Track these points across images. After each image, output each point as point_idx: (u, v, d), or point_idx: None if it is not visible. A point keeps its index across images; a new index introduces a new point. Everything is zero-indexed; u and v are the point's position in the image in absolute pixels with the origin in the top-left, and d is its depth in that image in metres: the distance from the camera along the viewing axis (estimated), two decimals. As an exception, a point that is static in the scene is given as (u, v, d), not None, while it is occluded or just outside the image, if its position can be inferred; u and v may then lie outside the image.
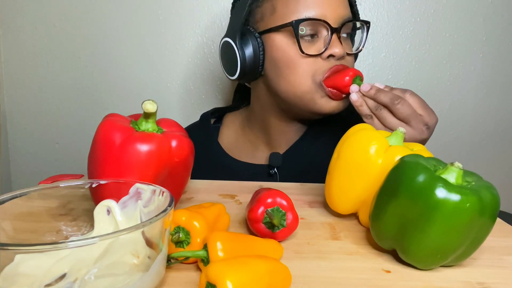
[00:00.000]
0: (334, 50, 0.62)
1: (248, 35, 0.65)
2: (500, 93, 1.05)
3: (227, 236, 0.34)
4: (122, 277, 0.28)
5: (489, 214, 0.33)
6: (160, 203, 0.33)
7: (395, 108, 0.55)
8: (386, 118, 0.56)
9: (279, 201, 0.40)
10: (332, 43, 0.62)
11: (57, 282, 0.27)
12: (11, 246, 0.24)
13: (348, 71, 0.61)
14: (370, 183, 0.43)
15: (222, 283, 0.27)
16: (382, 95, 0.56)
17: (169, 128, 0.44)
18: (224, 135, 0.81)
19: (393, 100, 0.55)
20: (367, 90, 0.58)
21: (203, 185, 0.61)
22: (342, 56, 0.63)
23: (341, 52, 0.62)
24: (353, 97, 0.59)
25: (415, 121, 0.55)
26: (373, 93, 0.57)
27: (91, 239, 0.25)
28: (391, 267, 0.37)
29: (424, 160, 0.37)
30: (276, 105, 0.71)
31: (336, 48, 0.62)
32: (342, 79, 0.61)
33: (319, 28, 0.63)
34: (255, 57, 0.65)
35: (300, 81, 0.64)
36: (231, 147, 0.78)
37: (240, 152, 0.78)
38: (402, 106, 0.55)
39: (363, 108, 0.58)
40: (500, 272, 0.37)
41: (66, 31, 1.01)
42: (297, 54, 0.63)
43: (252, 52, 0.65)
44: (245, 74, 0.67)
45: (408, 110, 0.55)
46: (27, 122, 1.08)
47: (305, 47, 0.62)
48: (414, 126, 0.55)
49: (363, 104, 0.58)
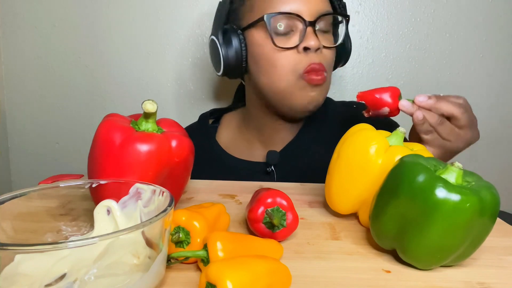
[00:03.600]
0: (309, 42, 0.62)
1: (231, 32, 0.68)
2: (500, 93, 1.05)
3: (227, 236, 0.34)
4: (122, 277, 0.28)
5: (489, 214, 0.33)
6: (160, 203, 0.33)
7: (461, 117, 0.51)
8: (452, 132, 0.52)
9: (279, 201, 0.40)
10: (306, 36, 0.63)
11: (57, 282, 0.27)
12: (11, 246, 0.24)
13: (384, 89, 0.54)
14: (370, 183, 0.43)
15: (222, 283, 0.27)
16: (444, 105, 0.51)
17: (169, 128, 0.44)
18: (222, 135, 0.82)
19: (459, 108, 0.51)
20: (425, 100, 0.51)
21: (203, 185, 0.61)
22: (318, 48, 0.63)
23: (316, 45, 0.62)
24: (418, 115, 0.51)
25: (473, 129, 0.53)
26: (433, 103, 0.51)
27: (91, 239, 0.25)
28: (391, 267, 0.37)
29: (424, 160, 0.37)
30: (264, 102, 0.73)
31: (311, 40, 0.62)
32: (381, 101, 0.53)
33: (295, 22, 0.64)
34: (237, 54, 0.67)
35: (279, 76, 0.65)
36: (229, 145, 0.79)
37: (237, 150, 0.78)
38: (465, 114, 0.51)
39: (424, 126, 0.52)
40: (500, 272, 0.37)
41: (66, 31, 1.01)
42: (273, 49, 0.64)
43: (234, 48, 0.67)
44: (229, 70, 0.69)
45: (468, 118, 0.52)
46: (27, 122, 1.08)
47: (281, 41, 0.64)
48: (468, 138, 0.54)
49: (425, 122, 0.52)
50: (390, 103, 0.52)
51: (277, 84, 0.66)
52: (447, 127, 0.52)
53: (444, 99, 0.52)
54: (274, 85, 0.66)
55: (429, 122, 0.51)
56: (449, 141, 0.53)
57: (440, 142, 0.53)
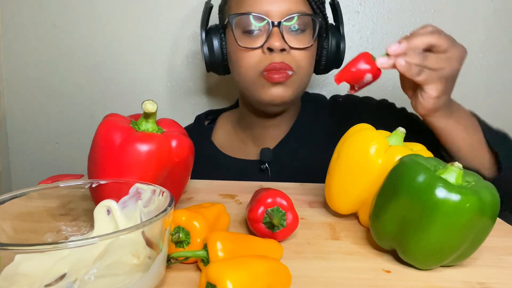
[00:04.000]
0: (273, 43, 0.63)
1: (213, 31, 0.72)
2: (500, 93, 1.05)
3: (227, 236, 0.34)
4: (122, 277, 0.28)
5: (489, 214, 0.33)
6: (160, 203, 0.33)
7: (439, 42, 0.49)
8: (440, 60, 0.50)
9: (279, 201, 0.40)
10: (271, 37, 0.64)
11: (57, 282, 0.27)
12: (11, 246, 0.24)
13: (356, 60, 0.52)
14: (370, 183, 0.43)
15: (222, 283, 0.27)
16: (417, 40, 0.49)
17: (169, 128, 0.44)
18: (217, 135, 0.83)
19: (433, 35, 0.49)
20: (397, 47, 0.50)
21: (203, 185, 0.61)
22: (283, 49, 0.64)
23: (279, 45, 0.63)
24: (400, 62, 0.49)
25: (457, 45, 0.51)
26: (406, 45, 0.49)
27: (91, 239, 0.25)
28: (391, 267, 0.37)
29: (424, 160, 0.37)
30: (245, 98, 0.75)
31: (275, 41, 0.63)
32: (358, 68, 0.51)
33: (262, 23, 0.65)
34: (217, 52, 0.71)
35: (243, 73, 0.68)
36: (224, 145, 0.81)
37: (232, 149, 0.80)
38: (441, 37, 0.50)
39: (411, 69, 0.49)
40: (500, 272, 0.37)
41: (66, 31, 1.01)
42: (239, 48, 0.67)
43: (213, 46, 0.71)
44: (212, 67, 0.73)
45: (446, 39, 0.50)
46: (27, 122, 1.08)
47: (247, 41, 0.66)
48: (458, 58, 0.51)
49: (410, 65, 0.49)
50: (368, 68, 0.51)
51: (242, 82, 0.69)
52: (433, 58, 0.49)
53: (414, 36, 0.50)
54: (241, 83, 0.70)
55: (414, 63, 0.49)
56: (443, 69, 0.50)
57: (436, 75, 0.50)
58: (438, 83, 0.51)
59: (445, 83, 0.51)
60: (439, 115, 0.54)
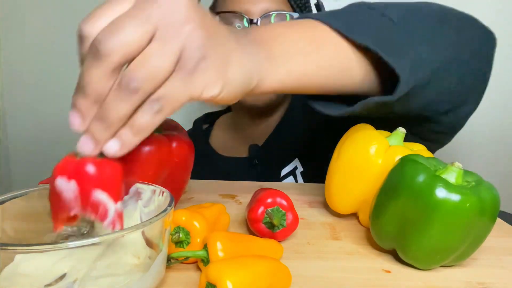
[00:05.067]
0: None
1: None
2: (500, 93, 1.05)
3: (227, 236, 0.34)
4: (122, 277, 0.28)
5: (489, 214, 0.33)
6: (160, 203, 0.33)
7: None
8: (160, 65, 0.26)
9: (279, 201, 0.40)
10: None
11: (57, 282, 0.27)
12: (11, 246, 0.24)
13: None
14: (370, 183, 0.43)
15: (222, 283, 0.27)
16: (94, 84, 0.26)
17: (169, 129, 0.44)
18: (214, 137, 0.85)
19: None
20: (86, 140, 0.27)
21: (203, 185, 0.61)
22: None
23: None
24: (114, 147, 0.27)
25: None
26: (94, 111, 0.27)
27: (91, 239, 0.25)
28: (391, 267, 0.37)
29: (424, 160, 0.37)
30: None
31: None
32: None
33: (242, 21, 0.67)
34: None
35: None
36: (220, 146, 0.82)
37: (227, 149, 0.81)
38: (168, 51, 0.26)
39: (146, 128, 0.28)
40: (500, 272, 0.37)
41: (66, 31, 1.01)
42: None
43: None
44: None
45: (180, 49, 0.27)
46: (27, 122, 1.07)
47: None
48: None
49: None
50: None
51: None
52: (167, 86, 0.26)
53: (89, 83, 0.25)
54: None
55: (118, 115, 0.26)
56: (184, 65, 0.26)
57: (181, 84, 0.26)
58: (197, 84, 0.27)
59: (205, 71, 0.27)
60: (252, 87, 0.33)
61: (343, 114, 0.41)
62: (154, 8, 0.25)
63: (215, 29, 0.28)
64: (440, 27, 0.42)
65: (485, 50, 0.46)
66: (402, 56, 0.37)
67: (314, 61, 0.36)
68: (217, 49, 0.28)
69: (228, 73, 0.29)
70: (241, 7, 0.67)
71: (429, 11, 0.43)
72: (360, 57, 0.38)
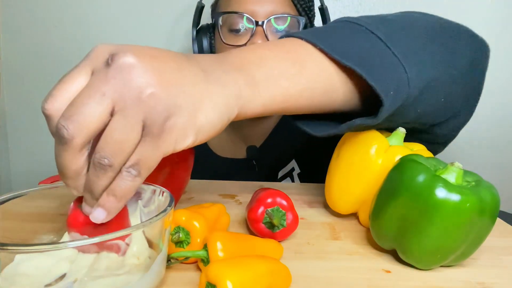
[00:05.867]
0: (255, 42, 0.65)
1: (204, 29, 0.74)
2: (500, 93, 1.05)
3: (227, 236, 0.34)
4: (122, 277, 0.28)
5: (489, 214, 0.33)
6: (160, 203, 0.33)
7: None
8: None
9: (279, 201, 0.40)
10: (254, 36, 0.66)
11: (57, 282, 0.27)
12: (11, 246, 0.24)
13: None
14: (370, 183, 0.43)
15: (222, 283, 0.27)
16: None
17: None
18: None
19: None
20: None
21: (203, 185, 0.61)
22: None
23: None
24: (99, 215, 0.28)
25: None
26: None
27: (91, 239, 0.25)
28: (391, 267, 0.37)
29: (424, 160, 0.37)
30: None
31: (257, 40, 0.65)
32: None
33: (247, 22, 0.67)
34: (206, 50, 0.74)
35: None
36: (217, 146, 0.83)
37: (224, 149, 0.82)
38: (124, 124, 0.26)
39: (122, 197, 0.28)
40: (500, 272, 0.37)
41: (66, 31, 1.01)
42: (224, 46, 0.69)
43: (204, 45, 0.74)
44: None
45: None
46: (27, 122, 1.08)
47: (232, 39, 0.68)
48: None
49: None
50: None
51: None
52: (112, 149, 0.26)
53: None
54: None
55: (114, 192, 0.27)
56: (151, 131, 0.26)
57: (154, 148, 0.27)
58: (168, 141, 0.27)
59: (173, 129, 0.27)
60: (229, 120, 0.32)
61: (328, 135, 0.41)
62: (108, 82, 0.25)
63: (177, 78, 0.27)
64: (430, 44, 0.41)
65: (478, 61, 0.45)
66: (388, 78, 0.36)
67: (297, 83, 0.35)
68: (183, 100, 0.27)
69: (199, 120, 0.28)
70: (247, 8, 0.67)
71: (419, 27, 0.42)
72: (344, 76, 0.38)
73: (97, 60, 0.26)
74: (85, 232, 0.29)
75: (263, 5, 0.67)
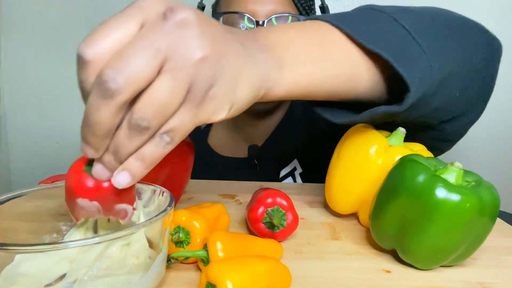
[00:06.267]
0: None
1: None
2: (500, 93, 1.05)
3: (227, 236, 0.34)
4: (122, 277, 0.28)
5: (489, 214, 0.33)
6: (160, 203, 0.33)
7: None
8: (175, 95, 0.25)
9: (279, 201, 0.40)
10: None
11: (57, 282, 0.27)
12: (11, 246, 0.24)
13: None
14: (370, 183, 0.43)
15: (222, 283, 0.27)
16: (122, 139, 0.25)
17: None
18: (212, 136, 0.85)
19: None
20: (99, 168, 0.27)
21: (203, 185, 0.61)
22: None
23: None
24: (125, 179, 0.26)
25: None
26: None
27: (91, 239, 0.25)
28: (391, 267, 0.37)
29: (424, 160, 0.37)
30: None
31: None
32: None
33: (248, 22, 0.67)
34: None
35: None
36: (218, 145, 0.82)
37: (225, 149, 0.82)
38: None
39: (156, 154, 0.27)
40: (500, 272, 0.37)
41: (66, 31, 1.01)
42: None
43: None
44: None
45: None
46: (27, 122, 1.08)
47: None
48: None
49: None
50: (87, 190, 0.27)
51: None
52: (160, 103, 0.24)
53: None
54: None
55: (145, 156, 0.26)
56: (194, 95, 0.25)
57: (188, 117, 0.26)
58: (206, 111, 0.27)
59: (213, 100, 0.26)
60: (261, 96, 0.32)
61: (349, 122, 0.40)
62: (164, 37, 0.23)
63: (225, 47, 0.26)
64: (450, 38, 0.41)
65: (492, 59, 0.46)
66: (413, 66, 0.36)
67: (322, 69, 0.35)
68: (227, 71, 0.26)
69: (237, 94, 0.28)
70: (247, 8, 0.67)
71: (441, 21, 0.42)
72: (369, 63, 0.37)
73: (150, 10, 0.24)
74: (95, 198, 0.27)
75: (263, 4, 0.67)
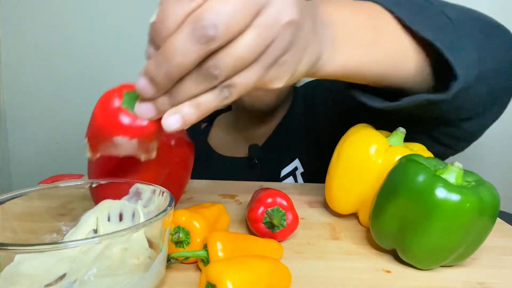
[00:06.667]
0: None
1: None
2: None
3: (227, 236, 0.34)
4: (122, 277, 0.28)
5: (489, 214, 0.33)
6: (160, 203, 0.33)
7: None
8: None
9: (279, 201, 0.40)
10: None
11: (57, 282, 0.27)
12: (11, 246, 0.24)
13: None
14: (370, 183, 0.43)
15: (222, 283, 0.27)
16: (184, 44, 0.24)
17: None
18: (213, 135, 0.85)
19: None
20: (147, 84, 0.27)
21: (203, 185, 0.61)
22: None
23: None
24: (175, 120, 0.26)
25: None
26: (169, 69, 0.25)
27: (91, 239, 0.25)
28: (391, 267, 0.37)
29: (424, 160, 0.37)
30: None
31: None
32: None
33: None
34: None
35: None
36: (218, 145, 0.82)
37: (226, 148, 0.82)
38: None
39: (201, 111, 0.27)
40: (500, 272, 0.37)
41: (66, 31, 1.01)
42: None
43: None
44: None
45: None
46: (27, 122, 1.08)
47: None
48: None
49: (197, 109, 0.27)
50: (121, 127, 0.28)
51: None
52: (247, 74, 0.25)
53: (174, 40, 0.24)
54: None
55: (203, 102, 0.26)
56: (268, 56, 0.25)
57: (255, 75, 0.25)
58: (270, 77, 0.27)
59: (281, 67, 0.27)
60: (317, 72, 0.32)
61: (387, 107, 0.40)
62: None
63: (305, 18, 0.26)
64: (486, 34, 0.42)
65: None
66: (460, 55, 0.36)
67: (372, 53, 0.35)
68: (301, 42, 0.26)
69: (299, 66, 0.28)
70: None
71: (475, 18, 0.43)
72: (416, 50, 0.37)
73: None
74: (136, 137, 0.28)
75: None
